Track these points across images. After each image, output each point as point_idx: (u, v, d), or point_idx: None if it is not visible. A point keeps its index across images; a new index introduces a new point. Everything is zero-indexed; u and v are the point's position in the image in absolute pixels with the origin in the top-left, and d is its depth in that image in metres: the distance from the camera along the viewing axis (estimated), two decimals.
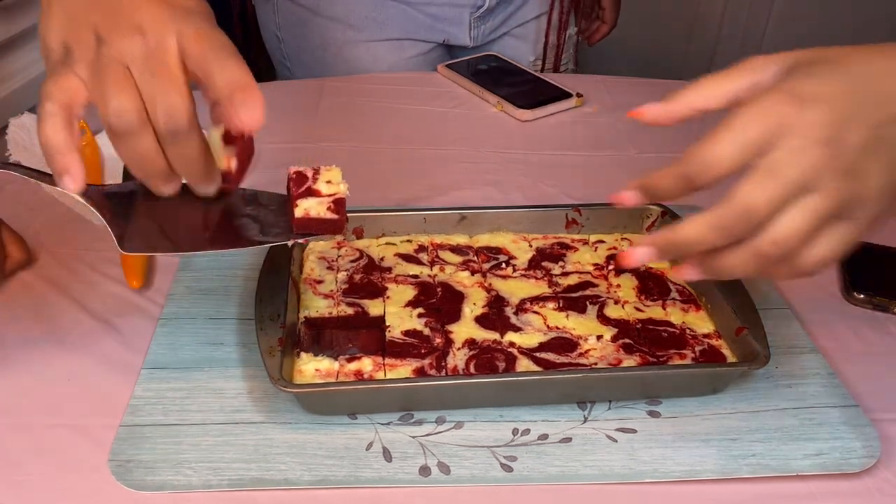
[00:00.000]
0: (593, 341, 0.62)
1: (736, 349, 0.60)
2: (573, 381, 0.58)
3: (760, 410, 0.58)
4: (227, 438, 0.53)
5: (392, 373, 0.58)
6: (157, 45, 0.44)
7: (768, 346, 0.57)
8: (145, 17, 0.44)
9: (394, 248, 0.71)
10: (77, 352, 0.60)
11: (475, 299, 0.66)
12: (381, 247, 0.71)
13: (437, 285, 0.67)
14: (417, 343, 0.61)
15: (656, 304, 0.66)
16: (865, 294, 0.70)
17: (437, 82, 1.12)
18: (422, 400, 0.57)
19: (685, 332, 0.63)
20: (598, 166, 0.92)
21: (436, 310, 0.65)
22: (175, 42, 0.44)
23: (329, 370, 0.58)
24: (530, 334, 0.63)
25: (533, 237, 0.74)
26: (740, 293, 0.62)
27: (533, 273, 0.70)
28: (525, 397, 0.58)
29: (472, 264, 0.70)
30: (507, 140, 0.97)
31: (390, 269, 0.69)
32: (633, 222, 0.75)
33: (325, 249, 0.70)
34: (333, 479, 0.51)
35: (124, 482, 0.50)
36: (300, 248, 0.69)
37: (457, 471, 0.52)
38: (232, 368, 0.59)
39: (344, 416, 0.56)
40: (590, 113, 1.05)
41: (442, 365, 0.59)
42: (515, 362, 0.60)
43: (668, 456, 0.54)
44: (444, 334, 0.62)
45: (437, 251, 0.72)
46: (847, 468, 0.53)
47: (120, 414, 0.55)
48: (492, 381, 0.58)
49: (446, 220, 0.74)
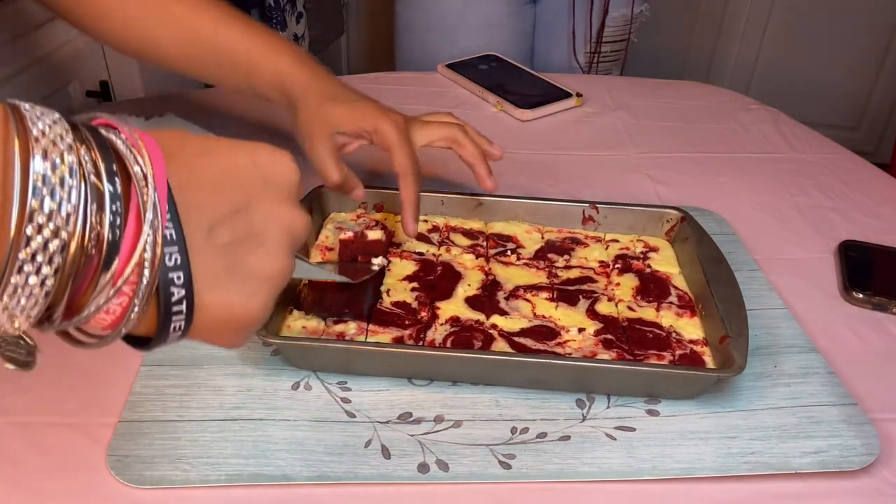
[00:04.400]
0: (574, 333, 0.62)
1: (717, 357, 0.60)
2: (535, 364, 0.58)
3: (759, 409, 0.58)
4: (226, 434, 0.53)
5: (373, 338, 0.60)
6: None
7: (746, 356, 0.56)
8: None
9: None
10: (76, 350, 0.60)
11: (471, 281, 0.67)
12: (398, 223, 0.73)
13: (438, 264, 0.69)
14: (403, 314, 0.63)
15: (650, 306, 0.66)
16: (864, 294, 0.70)
17: (437, 82, 1.12)
18: (395, 367, 0.59)
19: (671, 335, 0.63)
20: (598, 166, 0.92)
21: (430, 286, 0.66)
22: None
23: (315, 329, 0.61)
24: (515, 319, 0.63)
25: (547, 229, 0.75)
26: (736, 303, 0.62)
27: (535, 263, 0.70)
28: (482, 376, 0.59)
29: (479, 248, 0.72)
30: (507, 140, 0.97)
31: (399, 244, 0.71)
32: (653, 225, 0.75)
33: (344, 221, 0.74)
34: (332, 475, 0.51)
35: (122, 477, 0.50)
36: (320, 216, 0.74)
37: (455, 468, 0.52)
38: (231, 366, 0.59)
39: (343, 414, 0.56)
40: (590, 113, 1.05)
41: (421, 337, 0.61)
42: (492, 343, 0.61)
43: (666, 454, 0.54)
44: (432, 309, 0.64)
45: (448, 232, 0.73)
46: (846, 466, 0.53)
47: (118, 411, 0.55)
48: (447, 356, 0.59)
49: (464, 205, 0.75)
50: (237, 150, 0.37)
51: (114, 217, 0.30)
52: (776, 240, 0.80)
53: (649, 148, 0.97)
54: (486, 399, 0.58)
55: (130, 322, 0.33)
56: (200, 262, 0.34)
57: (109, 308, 0.32)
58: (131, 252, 0.31)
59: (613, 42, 1.34)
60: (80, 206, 0.29)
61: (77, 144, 0.29)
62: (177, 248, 0.32)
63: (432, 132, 0.72)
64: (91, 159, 0.30)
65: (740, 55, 2.38)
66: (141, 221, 0.31)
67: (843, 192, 0.89)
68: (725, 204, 0.85)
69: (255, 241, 0.36)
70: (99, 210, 0.29)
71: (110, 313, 0.32)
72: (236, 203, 0.36)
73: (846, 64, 2.33)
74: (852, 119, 2.42)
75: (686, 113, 1.07)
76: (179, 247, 0.32)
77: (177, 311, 0.33)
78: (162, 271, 0.32)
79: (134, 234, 0.31)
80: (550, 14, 1.31)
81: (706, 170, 0.93)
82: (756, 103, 1.12)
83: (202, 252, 0.34)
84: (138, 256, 0.31)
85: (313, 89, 0.70)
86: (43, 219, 0.28)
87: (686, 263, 0.70)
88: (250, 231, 0.36)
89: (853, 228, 0.82)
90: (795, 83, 2.35)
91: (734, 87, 1.44)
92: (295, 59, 0.72)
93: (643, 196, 0.86)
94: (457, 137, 0.72)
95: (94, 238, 0.29)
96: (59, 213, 0.28)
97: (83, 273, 0.30)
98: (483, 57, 1.17)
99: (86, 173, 0.29)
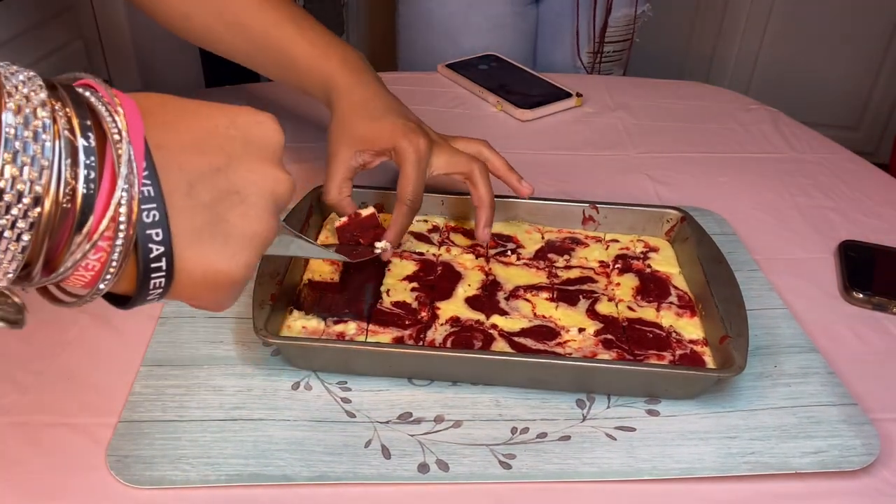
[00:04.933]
0: (574, 333, 0.62)
1: (717, 357, 0.60)
2: (535, 364, 0.57)
3: (759, 409, 0.58)
4: (226, 435, 0.53)
5: (373, 338, 0.60)
6: None
7: (746, 356, 0.56)
8: None
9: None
10: (76, 350, 0.60)
11: (471, 281, 0.67)
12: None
13: (438, 264, 0.69)
14: (403, 314, 0.63)
15: (650, 306, 0.66)
16: (864, 294, 0.70)
17: (437, 82, 1.12)
18: (395, 367, 0.59)
19: (671, 335, 0.63)
20: (598, 166, 0.92)
21: (430, 286, 0.66)
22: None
23: (315, 329, 0.61)
24: (515, 319, 0.63)
25: (547, 230, 0.75)
26: (736, 303, 0.62)
27: (535, 263, 0.70)
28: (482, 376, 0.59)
29: (479, 248, 0.72)
30: (507, 140, 0.97)
31: (399, 244, 0.71)
32: (653, 225, 0.75)
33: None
34: (332, 475, 0.51)
35: (122, 477, 0.50)
36: (319, 216, 0.74)
37: (455, 468, 0.52)
38: (231, 366, 0.59)
39: (343, 414, 0.56)
40: (590, 113, 1.05)
41: (421, 337, 0.61)
42: (492, 343, 0.61)
43: (666, 454, 0.54)
44: (432, 309, 0.64)
45: (448, 232, 0.73)
46: (846, 466, 0.53)
47: (118, 412, 0.55)
48: (447, 356, 0.58)
49: (464, 205, 0.75)
50: (217, 112, 0.37)
51: (88, 171, 0.30)
52: (776, 240, 0.80)
53: (649, 148, 0.97)
54: (486, 399, 0.58)
55: (109, 278, 0.33)
56: (180, 220, 0.34)
57: (88, 264, 0.32)
58: (106, 207, 0.31)
59: (616, 42, 1.34)
60: (55, 160, 0.29)
61: (51, 101, 0.30)
62: (155, 206, 0.32)
63: (453, 164, 0.69)
64: (65, 115, 0.30)
65: (740, 55, 2.38)
66: (115, 177, 0.31)
67: (843, 192, 0.89)
68: (725, 204, 0.85)
69: (236, 199, 0.36)
70: (73, 165, 0.30)
71: (89, 269, 0.32)
72: (216, 163, 0.36)
73: (846, 64, 2.33)
74: (852, 119, 2.42)
75: (686, 113, 1.07)
76: (157, 204, 0.33)
77: (156, 269, 0.33)
78: (140, 228, 0.32)
79: (109, 189, 0.31)
80: (553, 14, 1.31)
81: (706, 170, 0.93)
82: (756, 103, 1.12)
83: (182, 210, 0.34)
84: (113, 211, 0.31)
85: (348, 98, 0.69)
86: (16, 171, 0.28)
87: (686, 263, 0.70)
88: (230, 189, 0.36)
89: (853, 228, 0.82)
90: (795, 83, 2.35)
91: (734, 87, 1.44)
92: (342, 62, 0.71)
93: (643, 196, 0.86)
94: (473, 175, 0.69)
95: (68, 193, 0.30)
96: (32, 167, 0.28)
97: (59, 229, 0.30)
98: (483, 57, 1.17)
99: (60, 129, 0.29)
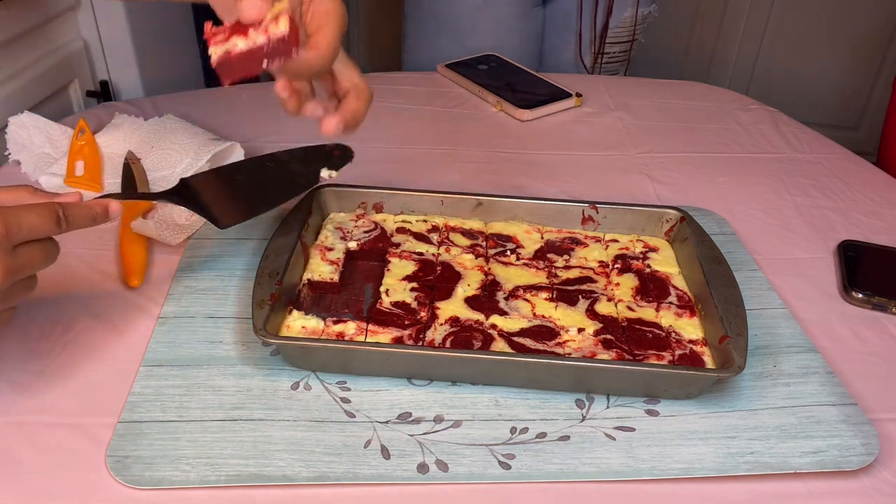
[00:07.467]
0: (574, 333, 0.62)
1: (717, 357, 0.60)
2: (535, 364, 0.57)
3: (759, 409, 0.58)
4: (225, 435, 0.53)
5: (372, 338, 0.60)
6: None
7: (746, 356, 0.56)
8: None
9: (409, 225, 0.73)
10: (76, 350, 0.60)
11: (470, 281, 0.67)
12: (397, 223, 0.74)
13: (438, 264, 0.69)
14: (403, 314, 0.63)
15: (650, 306, 0.66)
16: (864, 294, 0.70)
17: (437, 82, 1.12)
18: (395, 367, 0.59)
19: (671, 335, 0.63)
20: (598, 166, 0.92)
21: (430, 287, 0.66)
22: None
23: (315, 329, 0.61)
24: (515, 319, 0.63)
25: (547, 230, 0.75)
26: (735, 303, 0.62)
27: (535, 263, 0.70)
28: (481, 376, 0.59)
29: (479, 248, 0.72)
30: (507, 140, 0.97)
31: (398, 244, 0.71)
32: (652, 225, 0.75)
33: (343, 221, 0.74)
34: (332, 476, 0.51)
35: (122, 478, 0.50)
36: (319, 216, 0.73)
37: (455, 468, 0.52)
38: (231, 366, 0.59)
39: (342, 414, 0.56)
40: (590, 113, 1.05)
41: (420, 337, 0.61)
42: (492, 343, 0.61)
43: (666, 454, 0.54)
44: (431, 309, 0.64)
45: (448, 233, 0.73)
46: (845, 466, 0.53)
47: (118, 412, 0.55)
48: (447, 356, 0.58)
49: (463, 205, 0.75)
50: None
51: None
52: (776, 240, 0.80)
53: (649, 148, 0.97)
54: (486, 399, 0.58)
55: None
56: None
57: None
58: None
59: (620, 43, 1.34)
60: None
61: None
62: None
63: (351, 66, 0.61)
64: None
65: (740, 55, 2.38)
66: None
67: (843, 192, 0.89)
68: (725, 204, 0.85)
69: None
70: None
71: None
72: None
73: (846, 64, 2.32)
74: (852, 119, 2.42)
75: (686, 113, 1.07)
76: None
77: None
78: None
79: None
80: (559, 16, 1.31)
81: (706, 170, 0.93)
82: (756, 103, 1.12)
83: None
84: None
85: None
86: None
87: (685, 263, 0.70)
88: None
89: (853, 228, 0.82)
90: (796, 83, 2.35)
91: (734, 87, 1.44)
92: None
93: (643, 196, 0.86)
94: (359, 87, 0.61)
95: None
96: None
97: None
98: (483, 57, 1.17)
99: None
